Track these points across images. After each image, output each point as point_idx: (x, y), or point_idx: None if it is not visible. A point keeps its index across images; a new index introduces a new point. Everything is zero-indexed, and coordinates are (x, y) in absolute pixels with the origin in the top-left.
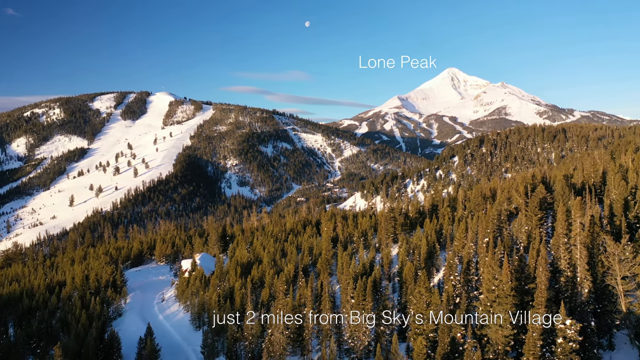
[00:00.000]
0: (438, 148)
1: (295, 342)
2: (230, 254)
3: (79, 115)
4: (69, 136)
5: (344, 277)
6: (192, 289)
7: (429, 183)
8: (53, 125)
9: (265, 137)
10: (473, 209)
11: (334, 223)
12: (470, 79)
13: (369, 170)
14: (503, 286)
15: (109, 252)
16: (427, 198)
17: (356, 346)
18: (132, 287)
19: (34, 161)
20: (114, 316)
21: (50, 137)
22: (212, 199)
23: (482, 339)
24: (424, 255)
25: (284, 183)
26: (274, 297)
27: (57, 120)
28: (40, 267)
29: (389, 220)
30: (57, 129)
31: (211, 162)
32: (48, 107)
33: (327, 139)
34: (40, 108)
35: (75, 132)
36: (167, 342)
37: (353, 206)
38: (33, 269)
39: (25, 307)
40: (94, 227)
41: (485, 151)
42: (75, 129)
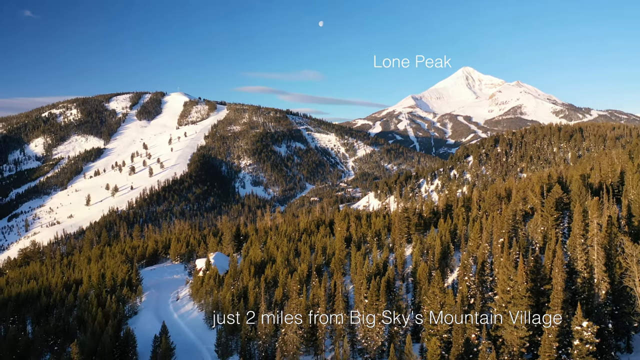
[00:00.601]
0: (452, 148)
1: (309, 341)
2: (244, 253)
3: (95, 115)
4: (86, 136)
5: (357, 277)
6: (207, 288)
7: (443, 183)
8: (70, 125)
9: (279, 137)
10: (488, 209)
11: (348, 223)
12: (485, 78)
13: (382, 170)
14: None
15: (124, 251)
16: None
17: (369, 346)
18: (148, 286)
19: (52, 161)
20: (129, 314)
21: (67, 137)
22: (226, 198)
23: (497, 340)
24: (438, 255)
25: (298, 183)
26: (288, 296)
27: (74, 120)
28: (57, 266)
29: (402, 220)
30: (74, 129)
31: (225, 162)
32: (65, 108)
33: (341, 138)
34: (57, 109)
35: (91, 132)
36: (182, 341)
37: (366, 206)
38: (51, 267)
39: (43, 304)
40: (110, 226)
41: (501, 151)
42: (92, 129)
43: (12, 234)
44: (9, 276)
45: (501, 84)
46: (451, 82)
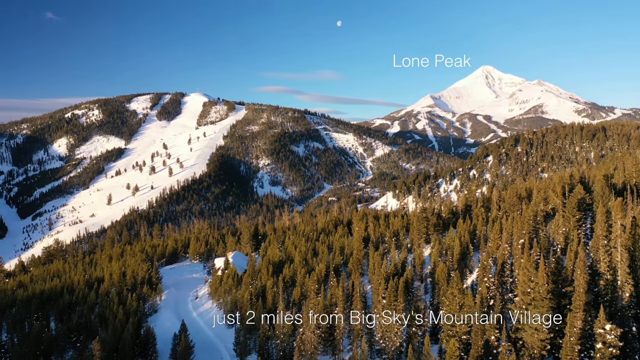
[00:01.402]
0: (471, 147)
1: (327, 341)
2: (262, 252)
3: (116, 116)
4: (107, 136)
5: (375, 277)
6: (225, 286)
7: (462, 183)
8: (92, 126)
9: (297, 137)
10: (508, 210)
11: (366, 223)
12: (505, 77)
13: (400, 169)
14: (539, 289)
15: (144, 249)
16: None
17: (387, 347)
18: (167, 285)
19: (74, 161)
20: (149, 312)
21: (89, 138)
22: (244, 198)
23: (517, 342)
24: (457, 256)
25: (316, 183)
26: (306, 296)
27: (96, 121)
28: (80, 264)
29: (421, 221)
30: (96, 129)
31: (244, 161)
32: (87, 109)
33: (359, 138)
34: (80, 109)
35: (113, 133)
36: (201, 339)
37: (385, 206)
38: (73, 265)
39: (66, 302)
40: (130, 225)
41: (521, 150)
42: (113, 129)
43: (36, 232)
44: (33, 274)
45: (522, 83)
46: (470, 81)
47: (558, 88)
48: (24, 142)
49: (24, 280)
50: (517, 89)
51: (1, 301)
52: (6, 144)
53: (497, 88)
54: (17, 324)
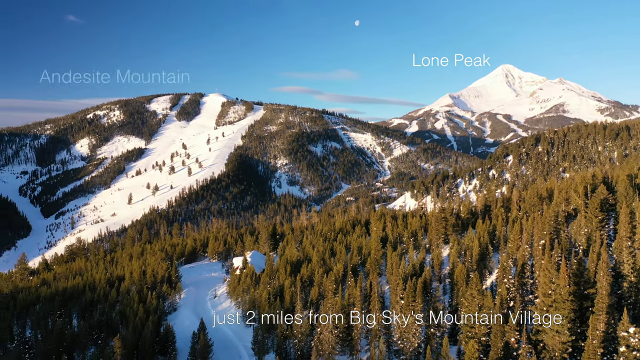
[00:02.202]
0: (491, 147)
1: (344, 341)
2: (280, 252)
3: (137, 116)
4: (128, 137)
5: (393, 277)
6: (243, 286)
7: (481, 183)
8: (113, 126)
9: (315, 137)
10: (528, 210)
11: (384, 223)
12: (525, 76)
13: (419, 169)
14: (560, 290)
15: (164, 248)
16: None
17: (405, 347)
18: (186, 283)
19: (96, 161)
20: (169, 310)
21: (110, 138)
22: (262, 197)
23: (538, 344)
24: (476, 256)
25: (333, 182)
26: (323, 296)
27: (117, 121)
28: (101, 262)
29: (439, 221)
30: (117, 130)
31: (262, 161)
32: (109, 109)
33: (377, 138)
34: (101, 110)
35: (133, 133)
36: (219, 337)
37: (403, 206)
38: (95, 263)
39: (88, 299)
40: (150, 225)
41: (542, 150)
42: (134, 129)
43: (59, 230)
44: (56, 272)
45: (542, 81)
46: (490, 80)
47: (580, 86)
48: (48, 142)
49: (48, 278)
50: (538, 87)
51: (25, 298)
52: (30, 145)
53: (518, 87)
54: (40, 321)
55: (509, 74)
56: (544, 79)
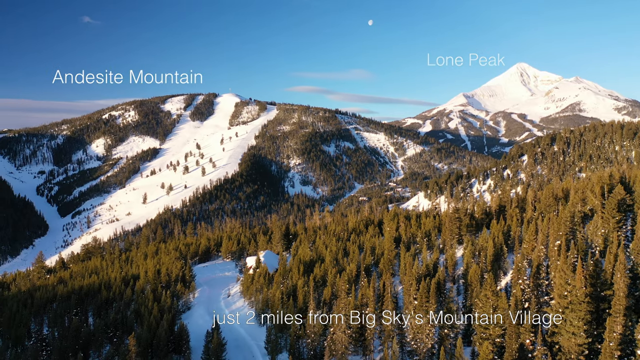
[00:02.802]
0: (506, 147)
1: (357, 341)
2: (293, 252)
3: (151, 117)
4: (143, 137)
5: (406, 277)
6: (257, 285)
7: (496, 183)
8: (128, 126)
9: (328, 137)
10: (543, 211)
11: (397, 223)
12: (541, 74)
13: (432, 169)
14: (577, 292)
15: (178, 247)
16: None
17: (419, 348)
18: (200, 282)
19: (111, 161)
20: (183, 309)
21: (125, 138)
22: (275, 197)
23: (554, 346)
24: (490, 257)
25: (346, 182)
26: (336, 296)
27: (132, 122)
28: (116, 261)
29: (453, 221)
30: (132, 130)
31: (275, 161)
32: (124, 110)
33: (390, 138)
34: (117, 110)
35: (148, 133)
36: (233, 336)
37: (416, 206)
38: (110, 262)
39: (103, 298)
40: (165, 224)
41: (558, 149)
42: (148, 130)
43: (75, 230)
44: (72, 270)
45: (558, 80)
46: (505, 79)
47: (597, 85)
48: (64, 142)
49: (64, 276)
50: (554, 86)
51: (43, 296)
52: (47, 145)
53: (533, 86)
54: (57, 319)
55: (524, 72)
56: (560, 77)
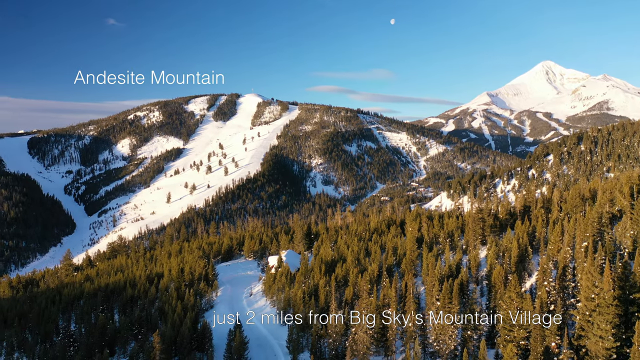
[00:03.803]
0: (530, 146)
1: (379, 342)
2: (314, 251)
3: (175, 117)
4: (167, 137)
5: (429, 278)
6: (278, 284)
7: (520, 183)
8: (153, 127)
9: (350, 136)
10: (570, 211)
11: (419, 223)
12: (567, 72)
13: (455, 169)
14: (604, 294)
15: (201, 246)
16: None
17: (441, 350)
18: (223, 281)
19: (136, 160)
20: (205, 308)
21: (150, 138)
22: (297, 197)
23: (580, 350)
24: (514, 258)
25: (368, 182)
26: (358, 296)
27: (157, 122)
28: (141, 259)
29: (477, 221)
30: (156, 130)
31: (297, 161)
32: (148, 110)
33: (412, 137)
34: (141, 111)
35: (172, 133)
36: (255, 335)
37: (439, 206)
38: (135, 260)
39: (129, 295)
40: (188, 223)
41: (585, 149)
42: (172, 130)
43: (101, 228)
44: (99, 268)
45: (585, 78)
46: (530, 77)
47: (626, 83)
48: (91, 142)
49: (91, 274)
50: (581, 84)
51: (70, 293)
52: (75, 145)
53: (559, 84)
54: (84, 315)
55: (549, 70)
56: (587, 75)
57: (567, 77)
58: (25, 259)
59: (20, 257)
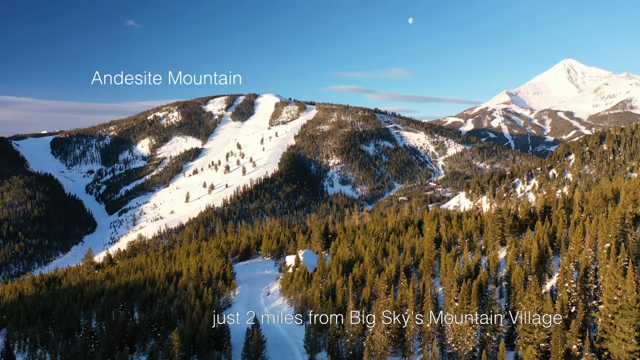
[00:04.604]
0: (551, 145)
1: (397, 342)
2: (332, 251)
3: (194, 117)
4: (186, 137)
5: (447, 279)
6: (296, 284)
7: (540, 183)
8: (172, 127)
9: (367, 136)
10: (592, 212)
11: (437, 223)
12: (589, 70)
13: (474, 169)
14: (627, 297)
15: (219, 246)
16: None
17: (460, 351)
18: (240, 280)
19: (156, 160)
20: (224, 306)
21: (169, 138)
22: (314, 197)
23: (602, 353)
24: (534, 259)
25: (386, 182)
26: (375, 296)
27: (175, 122)
28: (160, 258)
29: (496, 222)
30: (175, 130)
31: (314, 161)
32: (168, 111)
33: (430, 137)
34: (161, 112)
35: (190, 133)
36: (272, 334)
37: (457, 206)
38: (154, 259)
39: (148, 293)
40: (206, 222)
41: (607, 148)
42: (191, 130)
43: (121, 227)
44: (119, 266)
45: (608, 76)
46: (550, 75)
47: None
48: (112, 142)
49: (111, 272)
50: (603, 82)
51: (91, 291)
52: (96, 145)
53: (580, 82)
54: (105, 313)
55: (571, 69)
56: (610, 73)
57: (589, 75)
58: (48, 257)
59: (43, 255)
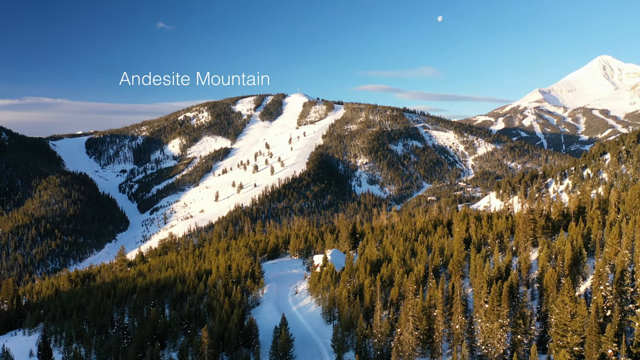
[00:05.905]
0: (586, 145)
1: (425, 343)
2: (360, 251)
3: (223, 117)
4: (215, 137)
5: (477, 280)
6: (323, 283)
7: (574, 183)
8: (202, 127)
9: (395, 136)
10: (629, 213)
11: (467, 223)
12: (626, 67)
13: (505, 168)
14: None
15: (248, 244)
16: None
17: (490, 353)
18: (269, 279)
19: (186, 160)
20: (252, 305)
21: (199, 138)
22: (342, 196)
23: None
24: (568, 261)
25: (414, 182)
26: (404, 296)
27: (205, 122)
28: (190, 256)
29: (527, 222)
30: (205, 130)
31: (342, 160)
32: (197, 111)
33: (460, 136)
34: (191, 112)
35: (220, 133)
36: (300, 333)
37: (487, 206)
38: (184, 257)
39: (178, 291)
40: (235, 221)
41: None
42: (220, 130)
43: (153, 225)
44: (150, 264)
45: None
46: (585, 72)
47: None
48: (144, 142)
49: (143, 269)
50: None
51: (124, 288)
52: (129, 145)
53: (617, 79)
54: (137, 309)
55: (606, 65)
56: None
57: (625, 72)
58: (83, 254)
59: (78, 252)
